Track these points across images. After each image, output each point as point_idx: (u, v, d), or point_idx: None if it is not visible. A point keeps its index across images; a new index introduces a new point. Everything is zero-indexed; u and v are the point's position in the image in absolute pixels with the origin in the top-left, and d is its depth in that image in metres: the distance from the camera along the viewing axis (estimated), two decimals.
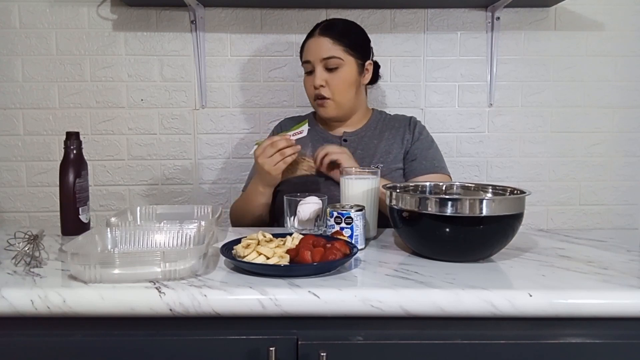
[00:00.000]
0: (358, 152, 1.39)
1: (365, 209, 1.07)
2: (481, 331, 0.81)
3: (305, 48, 1.39)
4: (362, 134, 1.43)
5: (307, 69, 1.38)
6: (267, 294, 0.78)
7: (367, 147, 1.41)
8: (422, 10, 1.74)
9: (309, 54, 1.36)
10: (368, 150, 1.40)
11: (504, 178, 1.80)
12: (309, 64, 1.36)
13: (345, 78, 1.35)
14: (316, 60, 1.34)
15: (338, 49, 1.34)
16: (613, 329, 0.82)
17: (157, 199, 1.77)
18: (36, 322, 0.81)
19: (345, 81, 1.36)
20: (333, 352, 0.79)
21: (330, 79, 1.34)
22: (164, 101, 1.75)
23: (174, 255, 0.85)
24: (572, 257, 1.00)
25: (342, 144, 1.40)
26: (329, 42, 1.34)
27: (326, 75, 1.34)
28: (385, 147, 1.40)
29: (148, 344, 0.81)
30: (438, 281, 0.84)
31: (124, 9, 1.71)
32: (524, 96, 1.79)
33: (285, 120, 1.54)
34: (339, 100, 1.36)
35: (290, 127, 1.28)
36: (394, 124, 1.46)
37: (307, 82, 1.39)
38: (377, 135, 1.43)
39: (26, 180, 1.75)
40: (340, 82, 1.35)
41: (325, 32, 1.36)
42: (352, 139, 1.42)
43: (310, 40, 1.37)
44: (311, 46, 1.36)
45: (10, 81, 1.72)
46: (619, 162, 1.82)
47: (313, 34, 1.38)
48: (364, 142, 1.42)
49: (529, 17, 1.76)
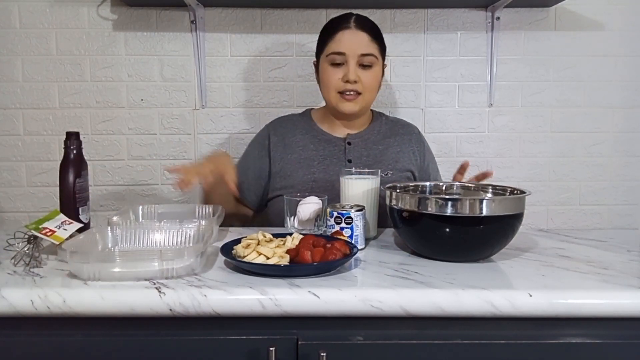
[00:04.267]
0: (364, 158, 1.36)
1: (365, 209, 1.07)
2: (481, 331, 0.81)
3: (337, 39, 1.30)
4: (365, 137, 1.39)
5: (336, 61, 1.30)
6: (267, 294, 0.78)
7: (373, 152, 1.38)
8: (422, 10, 1.74)
9: (344, 46, 1.29)
10: (375, 157, 1.37)
11: (504, 178, 1.79)
12: (341, 55, 1.29)
13: (377, 77, 1.34)
14: (352, 54, 1.29)
15: (375, 47, 1.31)
16: (613, 329, 0.82)
17: (157, 199, 1.77)
18: (36, 322, 0.81)
19: (377, 80, 1.34)
20: (333, 352, 0.79)
21: (363, 75, 1.30)
22: (164, 101, 1.75)
23: (172, 253, 0.85)
24: (572, 257, 1.00)
25: (347, 147, 1.37)
26: (367, 38, 1.30)
27: (359, 71, 1.30)
28: (393, 155, 1.38)
29: (148, 344, 0.81)
30: (438, 281, 0.84)
31: (124, 9, 1.71)
32: (524, 96, 1.79)
33: (275, 121, 1.47)
34: (368, 99, 1.34)
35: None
36: (398, 130, 1.44)
37: (332, 74, 1.31)
38: (382, 141, 1.40)
39: (26, 180, 1.75)
40: (373, 80, 1.32)
41: (362, 26, 1.31)
42: (355, 141, 1.38)
43: (346, 32, 1.30)
44: (348, 38, 1.29)
45: (10, 81, 1.72)
46: (619, 162, 1.82)
47: (347, 26, 1.30)
48: (369, 146, 1.38)
49: (529, 17, 1.76)
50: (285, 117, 1.48)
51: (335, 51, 1.30)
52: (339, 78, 1.30)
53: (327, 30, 1.34)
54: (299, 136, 1.40)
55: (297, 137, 1.39)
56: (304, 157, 1.36)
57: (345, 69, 1.29)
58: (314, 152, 1.37)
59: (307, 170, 1.34)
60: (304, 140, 1.39)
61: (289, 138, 1.39)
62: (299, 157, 1.36)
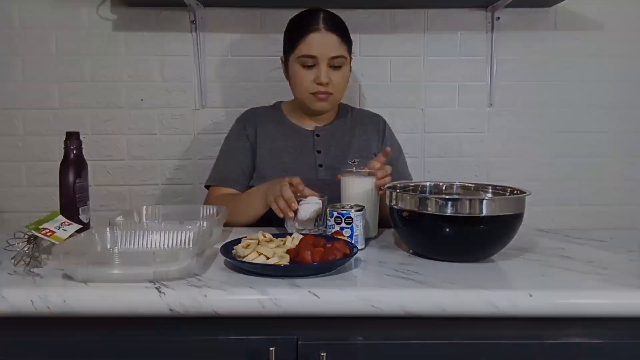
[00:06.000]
0: (332, 148, 1.41)
1: (365, 209, 1.07)
2: (481, 331, 0.81)
3: (308, 42, 1.31)
4: (333, 130, 1.44)
5: (307, 63, 1.32)
6: (267, 294, 0.78)
7: (340, 143, 1.42)
8: (422, 10, 1.74)
9: (315, 49, 1.31)
10: (342, 147, 1.41)
11: (504, 178, 1.79)
12: (312, 58, 1.31)
13: (346, 76, 1.38)
14: (324, 57, 1.31)
15: (344, 48, 1.34)
16: (613, 329, 0.82)
17: (157, 199, 1.77)
18: (36, 322, 0.81)
19: (346, 79, 1.38)
20: (333, 352, 0.79)
21: (333, 76, 1.33)
22: (164, 101, 1.75)
23: (165, 255, 0.85)
24: (573, 257, 1.00)
25: (315, 139, 1.41)
26: (337, 40, 1.32)
27: (330, 72, 1.33)
28: (359, 143, 1.43)
29: (148, 344, 0.81)
30: (438, 281, 0.84)
31: (124, 9, 1.71)
32: (524, 96, 1.79)
33: (247, 113, 1.48)
34: (338, 97, 1.38)
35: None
36: (363, 119, 1.48)
37: (304, 76, 1.33)
38: (348, 131, 1.45)
39: (26, 180, 1.75)
40: (342, 80, 1.36)
41: (331, 28, 1.32)
42: (324, 133, 1.43)
43: (316, 34, 1.31)
44: (318, 41, 1.31)
45: (10, 81, 1.71)
46: (619, 162, 1.81)
47: (317, 27, 1.31)
48: (336, 137, 1.43)
49: (529, 17, 1.75)
50: (255, 109, 1.51)
51: (306, 54, 1.32)
52: (311, 80, 1.33)
53: (296, 30, 1.35)
54: (271, 125, 1.44)
55: (267, 128, 1.43)
56: (274, 147, 1.40)
57: (317, 72, 1.32)
58: (283, 143, 1.41)
59: (278, 161, 1.38)
60: (277, 130, 1.43)
61: (260, 128, 1.43)
62: (269, 147, 1.40)
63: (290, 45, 1.36)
